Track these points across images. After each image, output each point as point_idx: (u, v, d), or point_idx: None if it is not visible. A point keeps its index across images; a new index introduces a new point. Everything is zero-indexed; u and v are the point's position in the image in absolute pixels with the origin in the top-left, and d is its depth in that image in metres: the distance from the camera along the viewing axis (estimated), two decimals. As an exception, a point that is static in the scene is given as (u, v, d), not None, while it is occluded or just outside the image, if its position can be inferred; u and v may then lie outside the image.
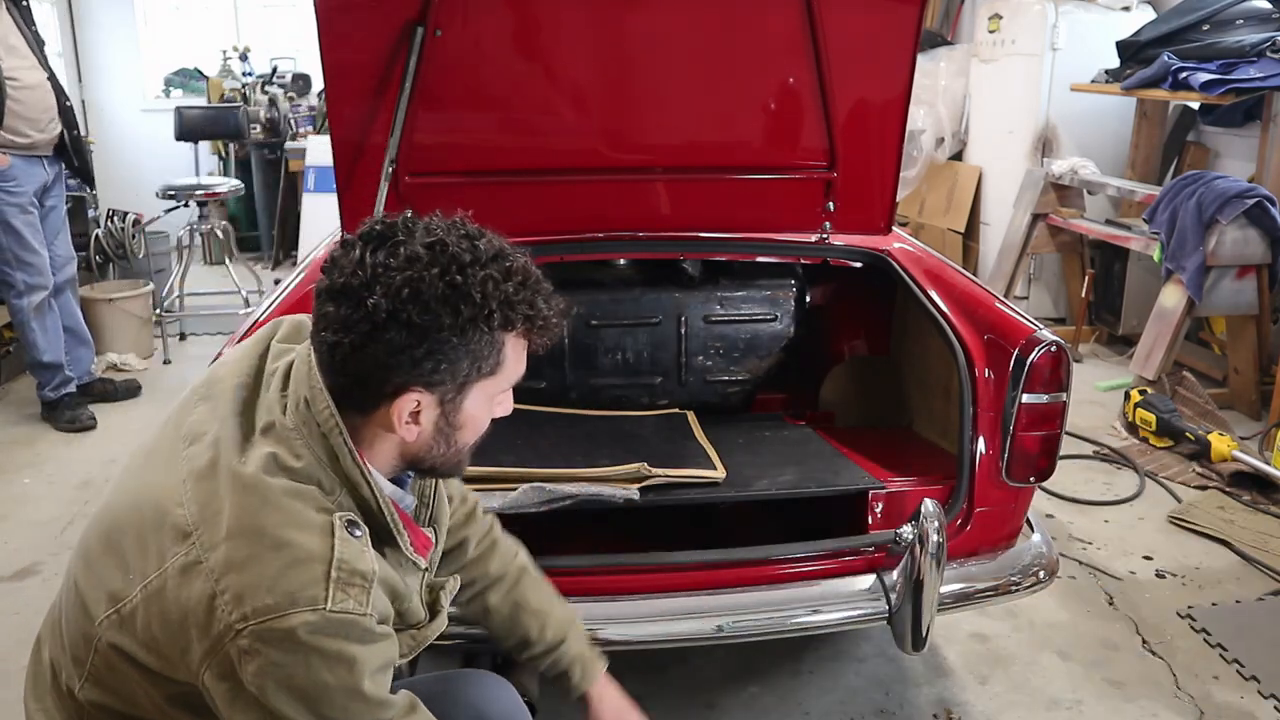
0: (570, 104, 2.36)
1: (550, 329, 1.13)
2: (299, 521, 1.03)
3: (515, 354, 1.12)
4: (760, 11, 2.24)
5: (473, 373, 1.09)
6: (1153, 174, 4.80)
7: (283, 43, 7.07)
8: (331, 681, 1.01)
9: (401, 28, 2.13)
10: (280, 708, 1.00)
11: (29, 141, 3.69)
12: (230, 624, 0.99)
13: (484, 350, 1.08)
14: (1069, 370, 1.90)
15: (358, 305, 1.03)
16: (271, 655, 0.98)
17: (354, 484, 1.09)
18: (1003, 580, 1.94)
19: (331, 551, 1.02)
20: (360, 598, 1.02)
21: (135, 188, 6.35)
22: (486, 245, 1.09)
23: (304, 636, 0.98)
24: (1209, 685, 2.32)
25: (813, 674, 2.33)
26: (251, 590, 0.99)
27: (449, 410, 1.11)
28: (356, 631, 1.02)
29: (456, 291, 1.04)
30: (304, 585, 0.99)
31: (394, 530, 1.12)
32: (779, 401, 2.74)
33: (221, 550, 1.01)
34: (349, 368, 1.06)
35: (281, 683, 0.99)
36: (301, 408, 1.09)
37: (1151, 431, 3.67)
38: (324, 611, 0.99)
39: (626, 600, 1.77)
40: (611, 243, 2.42)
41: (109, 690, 1.13)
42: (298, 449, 1.07)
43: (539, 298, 1.10)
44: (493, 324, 1.06)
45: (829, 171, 2.44)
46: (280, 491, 1.04)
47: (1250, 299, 3.86)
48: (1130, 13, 4.90)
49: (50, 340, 3.88)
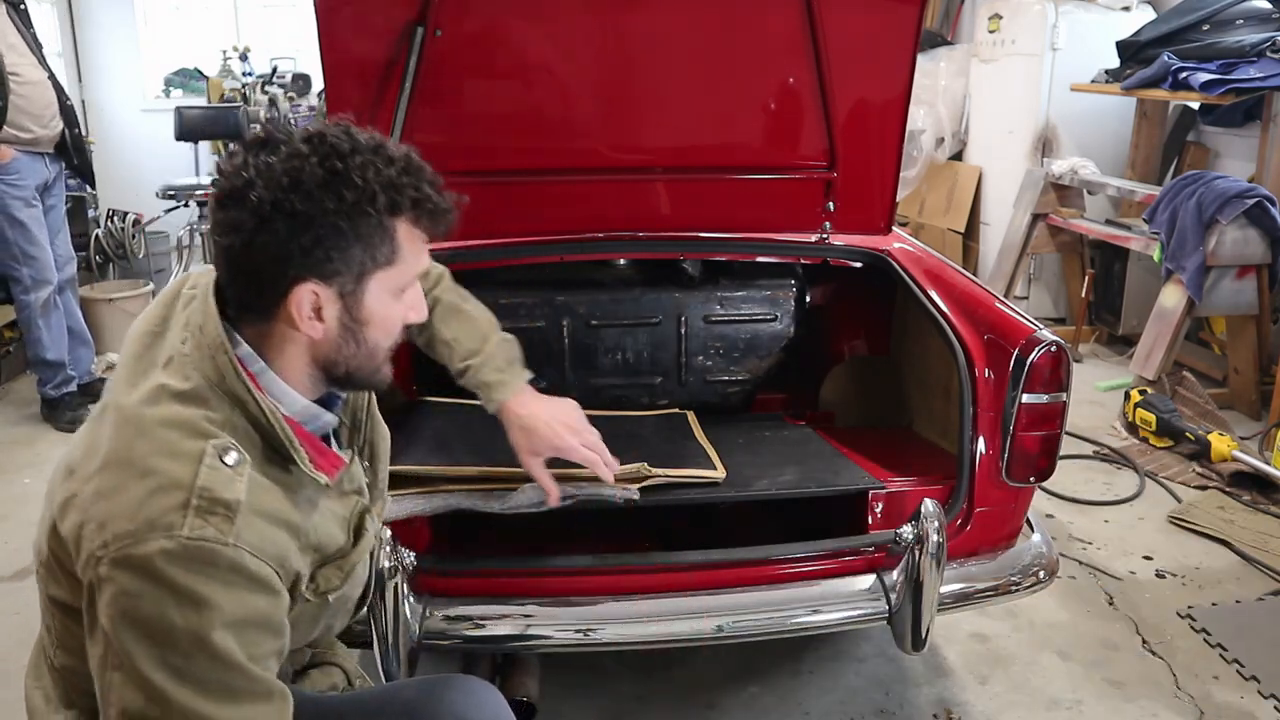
0: (570, 104, 2.36)
1: (441, 214, 1.13)
2: (169, 450, 1.02)
3: (410, 243, 1.12)
4: (760, 11, 2.24)
5: (368, 261, 1.09)
6: (1153, 174, 4.80)
7: (283, 43, 7.07)
8: (179, 623, 0.97)
9: (401, 28, 2.13)
10: (125, 644, 0.98)
11: (32, 137, 3.71)
12: (92, 552, 0.99)
13: (374, 237, 1.09)
14: (1069, 370, 1.90)
15: (243, 204, 1.04)
16: (124, 583, 0.97)
17: (241, 401, 1.08)
18: (1003, 580, 1.94)
19: (195, 479, 1.00)
20: (222, 526, 0.99)
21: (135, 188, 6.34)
22: (367, 138, 1.10)
23: (158, 565, 0.97)
24: (1209, 685, 2.32)
25: (813, 674, 2.33)
26: (114, 517, 0.99)
27: (351, 304, 1.11)
28: (216, 567, 0.99)
29: (337, 177, 1.05)
30: (163, 512, 0.98)
31: (289, 446, 1.10)
32: (779, 401, 2.74)
33: (94, 482, 1.03)
34: (243, 267, 1.08)
35: (128, 614, 0.98)
36: (196, 333, 1.10)
37: (1151, 431, 3.67)
38: (180, 538, 0.97)
39: (626, 600, 1.77)
40: (611, 243, 2.42)
41: (70, 651, 1.15)
42: (187, 372, 1.08)
43: (424, 183, 1.11)
44: (378, 207, 1.07)
45: (829, 171, 2.44)
46: (155, 421, 1.04)
47: (1250, 299, 3.86)
48: (1130, 13, 4.90)
49: (54, 338, 3.89)
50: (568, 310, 2.46)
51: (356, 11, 2.14)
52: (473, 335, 1.67)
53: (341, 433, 1.30)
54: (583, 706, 2.22)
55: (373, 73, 2.18)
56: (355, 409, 1.31)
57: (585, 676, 2.31)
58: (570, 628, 1.74)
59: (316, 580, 1.16)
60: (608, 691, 2.26)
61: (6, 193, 3.66)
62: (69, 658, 1.16)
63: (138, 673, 0.98)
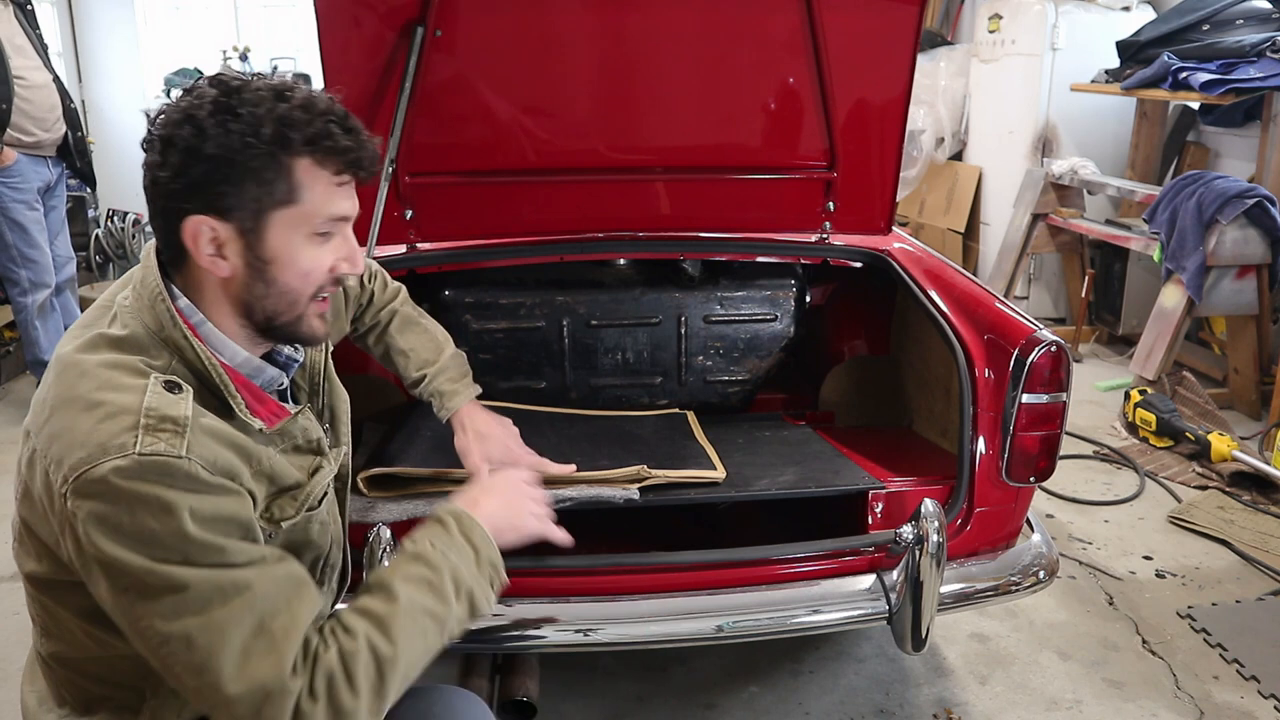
0: (570, 104, 2.36)
1: (341, 152, 1.11)
2: (112, 384, 1.04)
3: (313, 182, 1.11)
4: (760, 12, 2.24)
5: (264, 197, 1.09)
6: (1153, 174, 4.80)
7: (283, 43, 7.07)
8: (156, 527, 0.99)
9: (401, 28, 2.14)
10: (119, 561, 0.98)
11: (34, 140, 3.71)
12: (58, 490, 1.01)
13: (268, 173, 1.08)
14: (1069, 370, 1.90)
15: (151, 144, 1.09)
16: (93, 508, 0.98)
17: (180, 348, 1.10)
18: (1003, 580, 1.94)
19: (141, 402, 1.02)
20: (173, 441, 1.01)
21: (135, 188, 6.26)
22: (274, 81, 1.11)
23: (118, 482, 0.98)
24: (1209, 685, 2.32)
25: (813, 674, 2.33)
26: (68, 451, 1.01)
27: (253, 241, 1.11)
28: (174, 477, 1.00)
29: (225, 110, 1.06)
30: (113, 435, 1.00)
31: (224, 390, 1.11)
32: (779, 401, 2.74)
33: (46, 429, 1.05)
34: (153, 207, 1.12)
35: (108, 533, 0.98)
36: (137, 285, 1.14)
37: (1151, 431, 3.67)
38: (133, 455, 0.98)
39: (626, 600, 1.77)
40: (611, 243, 2.42)
41: (54, 637, 1.16)
42: (125, 320, 1.11)
43: (328, 123, 1.10)
44: (264, 139, 1.07)
45: (829, 171, 2.44)
46: (96, 363, 1.07)
47: (1250, 299, 3.86)
48: (1130, 13, 4.90)
49: (52, 339, 3.89)
50: (568, 310, 2.46)
51: (356, 12, 2.14)
52: (428, 346, 1.78)
53: (300, 396, 1.32)
54: (583, 706, 2.22)
55: (373, 73, 2.18)
56: (313, 374, 1.33)
57: (585, 676, 2.31)
58: (570, 628, 1.75)
59: (271, 509, 1.16)
60: (608, 691, 2.27)
61: (7, 195, 3.66)
62: (55, 643, 1.17)
63: (144, 579, 0.99)
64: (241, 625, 1.00)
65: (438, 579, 1.15)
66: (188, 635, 0.99)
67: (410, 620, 1.10)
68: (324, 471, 1.25)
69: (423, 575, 1.14)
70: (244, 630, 1.00)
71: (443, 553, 1.17)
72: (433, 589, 1.14)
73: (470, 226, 2.41)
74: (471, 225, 2.41)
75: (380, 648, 1.07)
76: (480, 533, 1.23)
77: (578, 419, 2.34)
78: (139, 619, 1.00)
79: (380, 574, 1.16)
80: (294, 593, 1.06)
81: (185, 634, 0.99)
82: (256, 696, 1.00)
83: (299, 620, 1.04)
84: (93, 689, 1.18)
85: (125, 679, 1.16)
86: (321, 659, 1.04)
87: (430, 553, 1.17)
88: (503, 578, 1.23)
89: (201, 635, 0.99)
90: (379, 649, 1.07)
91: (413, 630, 1.10)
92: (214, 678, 0.99)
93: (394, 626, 1.09)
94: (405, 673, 1.10)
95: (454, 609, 1.15)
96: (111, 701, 1.18)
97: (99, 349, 1.08)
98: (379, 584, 1.14)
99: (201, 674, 0.99)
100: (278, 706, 1.00)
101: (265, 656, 1.00)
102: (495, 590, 1.22)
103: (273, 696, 1.00)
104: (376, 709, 1.07)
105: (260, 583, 1.03)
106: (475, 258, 2.36)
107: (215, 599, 1.00)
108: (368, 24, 2.15)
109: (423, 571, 1.15)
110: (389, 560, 1.54)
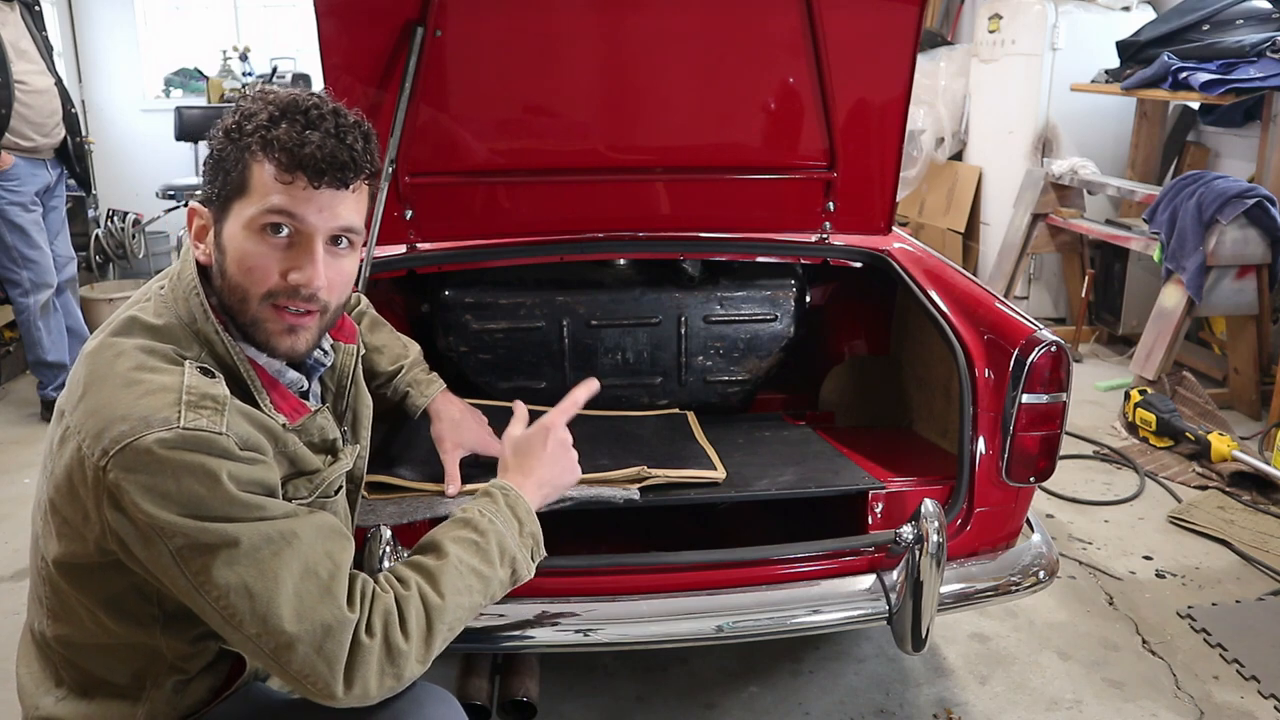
0: (570, 104, 2.36)
1: (283, 147, 1.13)
2: (149, 367, 1.10)
3: (261, 174, 1.15)
4: (760, 12, 2.24)
5: (226, 187, 1.16)
6: (1153, 174, 4.80)
7: (283, 43, 7.07)
8: (202, 491, 1.04)
9: (401, 28, 2.13)
10: (171, 522, 1.03)
11: (32, 145, 3.71)
12: (97, 464, 1.04)
13: (230, 164, 1.16)
14: (1069, 370, 1.90)
15: None
16: (140, 479, 1.03)
17: (210, 342, 1.16)
18: (1003, 580, 1.94)
19: (182, 381, 1.08)
20: (214, 418, 1.06)
21: (135, 188, 6.35)
22: (283, 89, 1.19)
23: (162, 452, 1.03)
24: (1209, 685, 2.32)
25: (813, 674, 2.33)
26: (108, 425, 1.05)
27: (218, 230, 1.18)
28: (215, 449, 1.05)
29: (231, 114, 1.18)
30: (156, 410, 1.05)
31: (250, 384, 1.18)
32: (779, 401, 2.74)
33: (81, 407, 1.09)
34: None
35: (159, 500, 1.03)
36: (173, 277, 1.21)
37: (1151, 431, 3.67)
38: (178, 429, 1.04)
39: (626, 600, 1.77)
40: (611, 243, 2.42)
41: (63, 620, 1.19)
42: (160, 310, 1.17)
43: (290, 124, 1.14)
44: (234, 137, 1.15)
45: (829, 172, 2.44)
46: (132, 346, 1.12)
47: (1250, 299, 3.86)
48: (1130, 13, 4.90)
49: (54, 340, 3.89)
50: (568, 310, 2.46)
51: (356, 12, 2.14)
52: (397, 343, 1.84)
53: (326, 398, 1.39)
54: (583, 706, 2.22)
55: (373, 73, 2.18)
56: (341, 375, 1.40)
57: (585, 676, 2.31)
58: (570, 628, 1.74)
59: (286, 489, 1.20)
60: (608, 691, 2.27)
61: (4, 198, 3.65)
62: (62, 626, 1.19)
63: (198, 538, 1.04)
64: (292, 570, 1.07)
65: (485, 543, 1.25)
66: (245, 585, 1.05)
67: (458, 576, 1.20)
68: (340, 463, 1.30)
69: (471, 538, 1.24)
70: (294, 574, 1.07)
71: (490, 520, 1.28)
72: (480, 551, 1.24)
73: (470, 227, 2.41)
74: (471, 225, 2.41)
75: (430, 598, 1.16)
76: (524, 506, 1.34)
77: (578, 419, 2.32)
78: (197, 575, 1.05)
79: (432, 534, 1.25)
80: (332, 538, 1.13)
81: (243, 584, 1.05)
82: (317, 633, 1.07)
83: (340, 563, 1.12)
84: (94, 674, 1.21)
85: (128, 668, 1.19)
86: (379, 599, 1.13)
87: (479, 519, 1.27)
88: (542, 550, 1.34)
89: (258, 583, 1.05)
90: (429, 599, 1.16)
91: (460, 586, 1.19)
92: (276, 621, 1.05)
93: (443, 580, 1.18)
94: (451, 624, 1.19)
95: (498, 572, 1.25)
96: (112, 688, 1.20)
97: (134, 333, 1.14)
98: (431, 543, 1.24)
99: (265, 621, 1.05)
100: (337, 640, 1.07)
101: (319, 596, 1.08)
102: (535, 560, 1.32)
103: (333, 630, 1.07)
104: (424, 656, 1.15)
105: (303, 530, 1.10)
106: (475, 258, 2.36)
107: (264, 548, 1.06)
108: (367, 24, 2.15)
109: (471, 535, 1.25)
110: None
